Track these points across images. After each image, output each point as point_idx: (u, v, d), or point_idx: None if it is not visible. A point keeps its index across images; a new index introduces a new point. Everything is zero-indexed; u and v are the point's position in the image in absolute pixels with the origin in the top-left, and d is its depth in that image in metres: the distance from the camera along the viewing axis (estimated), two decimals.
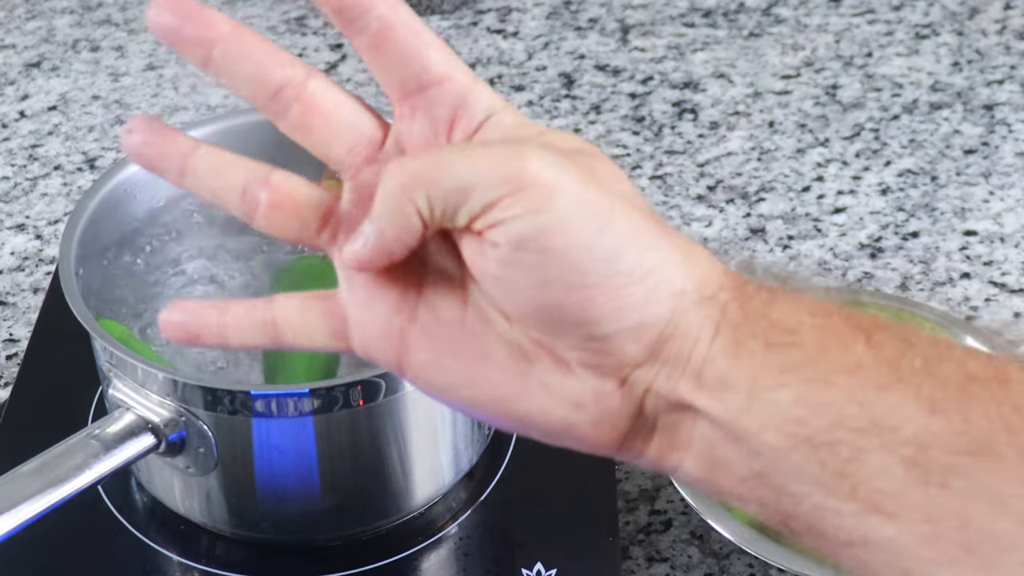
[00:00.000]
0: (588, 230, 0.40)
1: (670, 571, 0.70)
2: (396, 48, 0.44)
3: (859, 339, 0.41)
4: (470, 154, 0.41)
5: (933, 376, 0.40)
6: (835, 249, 0.91)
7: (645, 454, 0.44)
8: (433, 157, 0.42)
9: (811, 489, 0.41)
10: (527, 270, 0.41)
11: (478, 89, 0.44)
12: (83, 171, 1.00)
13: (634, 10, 1.17)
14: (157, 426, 0.61)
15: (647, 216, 0.42)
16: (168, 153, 0.46)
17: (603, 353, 0.42)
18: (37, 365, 0.77)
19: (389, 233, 0.42)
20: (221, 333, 0.47)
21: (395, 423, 0.64)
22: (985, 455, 0.39)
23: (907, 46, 1.12)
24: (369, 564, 0.66)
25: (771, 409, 0.41)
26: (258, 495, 0.65)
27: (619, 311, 0.41)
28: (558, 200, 0.40)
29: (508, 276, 0.41)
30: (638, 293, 0.41)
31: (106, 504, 0.69)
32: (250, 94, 0.45)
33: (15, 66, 1.12)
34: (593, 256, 0.40)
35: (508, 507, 0.70)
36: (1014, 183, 0.97)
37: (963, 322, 0.81)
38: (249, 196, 0.46)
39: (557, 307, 0.41)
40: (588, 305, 0.41)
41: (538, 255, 0.40)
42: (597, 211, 0.41)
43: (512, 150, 0.41)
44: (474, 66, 1.10)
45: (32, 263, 0.91)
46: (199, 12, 0.44)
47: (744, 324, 0.42)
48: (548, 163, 0.40)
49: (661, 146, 1.01)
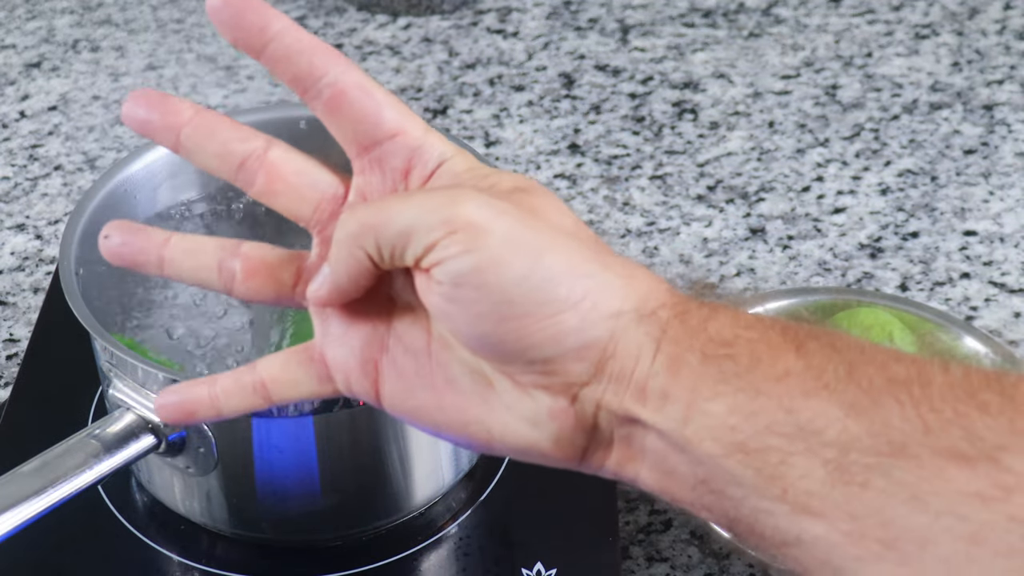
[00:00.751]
0: (519, 265, 0.44)
1: (670, 571, 0.70)
2: (350, 110, 0.48)
3: (790, 349, 0.43)
4: (411, 202, 0.45)
5: (857, 381, 0.42)
6: (835, 249, 0.91)
7: (605, 466, 0.47)
8: (379, 206, 0.45)
9: (747, 493, 0.43)
10: (467, 304, 0.44)
11: (430, 139, 0.48)
12: (83, 171, 1.00)
13: (634, 10, 1.17)
14: (157, 426, 0.61)
15: (585, 246, 0.46)
16: (145, 249, 0.50)
17: (550, 374, 0.45)
18: (37, 365, 0.77)
19: (343, 275, 0.47)
20: (214, 405, 0.51)
21: (395, 423, 0.64)
22: (901, 455, 0.40)
23: (907, 46, 1.12)
24: (369, 564, 0.67)
25: (708, 419, 0.43)
26: (258, 495, 0.65)
27: (555, 336, 0.44)
28: (489, 239, 0.43)
29: (452, 310, 0.45)
30: (573, 319, 0.44)
31: (106, 504, 0.69)
32: (218, 168, 0.50)
33: (15, 66, 1.12)
34: (525, 288, 0.44)
35: (508, 507, 0.70)
36: (1014, 183, 0.97)
37: (963, 322, 0.81)
38: (225, 270, 0.50)
39: (497, 336, 0.44)
40: (524, 333, 0.44)
41: (475, 290, 0.44)
42: (528, 247, 0.44)
43: (448, 195, 0.44)
44: (474, 66, 1.10)
45: (32, 263, 0.91)
46: (165, 102, 0.49)
47: (684, 339, 0.44)
48: (480, 205, 0.44)
49: (661, 146, 1.01)
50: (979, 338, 0.78)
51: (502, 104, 1.06)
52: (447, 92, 1.07)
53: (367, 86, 0.48)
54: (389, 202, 0.46)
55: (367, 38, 1.14)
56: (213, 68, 1.10)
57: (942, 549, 0.39)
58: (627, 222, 0.94)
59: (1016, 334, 0.85)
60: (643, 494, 0.73)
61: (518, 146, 1.01)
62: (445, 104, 1.06)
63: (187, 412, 0.51)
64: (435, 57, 1.12)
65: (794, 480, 0.42)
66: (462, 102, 1.06)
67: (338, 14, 1.17)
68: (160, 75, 1.10)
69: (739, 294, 0.86)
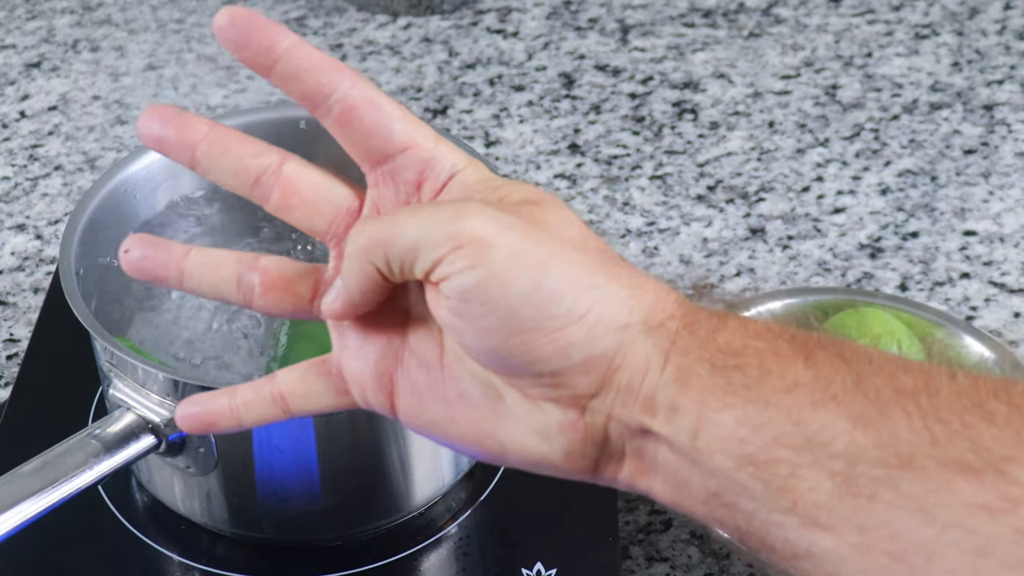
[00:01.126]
0: (524, 279, 0.44)
1: (670, 571, 0.70)
2: (360, 124, 0.48)
3: (799, 359, 0.43)
4: (419, 216, 0.45)
5: (864, 392, 0.42)
6: (835, 249, 0.91)
7: (619, 479, 0.47)
8: (388, 220, 0.46)
9: (758, 506, 0.43)
10: (474, 319, 0.44)
11: (441, 151, 0.48)
12: (83, 171, 1.00)
13: (634, 10, 1.17)
14: (157, 426, 0.61)
15: (591, 257, 0.45)
16: (165, 262, 0.51)
17: (558, 387, 0.45)
18: (37, 365, 0.77)
19: (355, 289, 0.47)
20: (235, 416, 0.51)
21: (395, 423, 0.64)
22: (909, 467, 0.40)
23: (907, 46, 1.12)
24: (369, 564, 0.67)
25: (718, 431, 0.43)
26: (258, 495, 0.65)
27: (562, 350, 0.44)
28: (494, 254, 0.43)
29: (460, 324, 0.45)
30: (578, 332, 0.44)
31: (106, 504, 0.69)
32: (234, 184, 0.50)
33: (15, 66, 1.12)
34: (530, 303, 0.44)
35: (508, 507, 0.70)
36: (1014, 183, 0.97)
37: (963, 322, 0.81)
38: (244, 284, 0.50)
39: (505, 350, 0.45)
40: (531, 347, 0.44)
41: (481, 305, 0.44)
42: (532, 261, 0.44)
43: (455, 210, 0.44)
44: (474, 66, 1.10)
45: (32, 263, 0.91)
46: (180, 119, 0.49)
47: (692, 350, 0.44)
48: (486, 219, 0.44)
49: (661, 146, 1.01)
50: (979, 338, 0.78)
51: (502, 104, 1.06)
52: (447, 92, 1.07)
53: (377, 100, 0.48)
54: (398, 216, 0.46)
55: (367, 38, 1.14)
56: (213, 68, 1.10)
57: (949, 562, 0.39)
58: (627, 222, 0.94)
59: (1016, 334, 0.85)
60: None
61: (518, 146, 1.01)
62: (445, 104, 1.06)
63: (208, 423, 0.52)
64: (435, 57, 1.12)
65: (803, 493, 0.42)
66: (462, 102, 1.06)
67: (338, 14, 1.17)
68: (160, 75, 1.10)
69: (739, 294, 0.86)
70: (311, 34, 1.15)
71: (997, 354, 0.77)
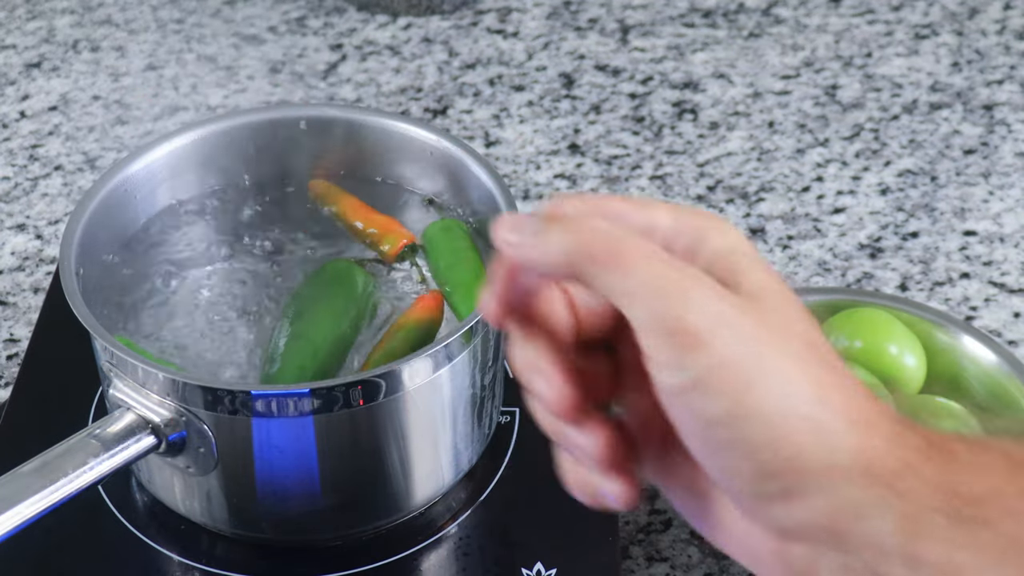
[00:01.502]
0: (724, 399, 0.38)
1: (670, 571, 0.70)
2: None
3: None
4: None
5: None
6: (835, 249, 0.91)
7: None
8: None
9: None
10: (676, 412, 0.40)
11: (683, 220, 0.42)
12: (83, 171, 1.00)
13: (634, 10, 1.17)
14: (157, 426, 0.61)
15: (809, 370, 0.39)
16: None
17: (761, 517, 0.40)
18: (37, 365, 0.77)
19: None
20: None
21: (395, 423, 0.64)
22: None
23: (907, 46, 1.12)
24: (369, 564, 0.67)
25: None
26: (258, 495, 0.65)
27: (759, 478, 0.39)
28: (700, 357, 0.38)
29: (670, 410, 0.40)
30: (779, 467, 0.38)
31: (106, 504, 0.69)
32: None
33: (15, 66, 1.12)
34: (729, 421, 0.38)
35: (508, 507, 0.70)
36: (1014, 183, 0.97)
37: (963, 322, 0.81)
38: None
39: (701, 456, 0.40)
40: (727, 464, 0.39)
41: (679, 408, 0.39)
42: (739, 373, 0.38)
43: (682, 288, 0.39)
44: (474, 66, 1.10)
45: (32, 263, 0.91)
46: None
47: (923, 496, 0.38)
48: (706, 313, 0.38)
49: (661, 146, 1.01)
50: (979, 338, 0.78)
51: (502, 104, 1.06)
52: (447, 92, 1.07)
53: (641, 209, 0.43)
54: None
55: (367, 38, 1.14)
56: (213, 68, 1.10)
57: None
58: None
59: (1016, 334, 0.85)
60: (643, 493, 0.73)
61: (518, 146, 1.01)
62: (445, 104, 1.06)
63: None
64: (435, 57, 1.12)
65: None
66: (462, 102, 1.06)
67: (338, 14, 1.17)
68: (160, 75, 1.10)
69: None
70: (311, 34, 1.15)
71: (997, 354, 0.77)
